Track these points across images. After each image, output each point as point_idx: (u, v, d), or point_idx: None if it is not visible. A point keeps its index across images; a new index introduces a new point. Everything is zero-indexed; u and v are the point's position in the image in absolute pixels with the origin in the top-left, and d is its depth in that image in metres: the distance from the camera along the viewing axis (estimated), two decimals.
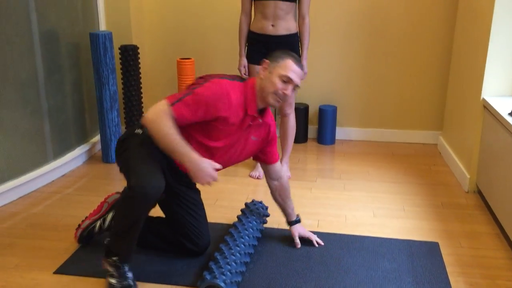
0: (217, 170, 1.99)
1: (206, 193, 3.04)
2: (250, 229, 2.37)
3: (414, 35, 3.80)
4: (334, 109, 3.93)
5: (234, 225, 2.42)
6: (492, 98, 2.86)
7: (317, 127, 4.05)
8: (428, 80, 3.88)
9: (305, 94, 4.07)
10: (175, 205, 2.25)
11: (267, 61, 2.13)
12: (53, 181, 3.22)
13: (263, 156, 2.35)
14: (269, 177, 2.41)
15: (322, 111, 3.94)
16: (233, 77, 2.15)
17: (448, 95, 3.73)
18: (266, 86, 2.09)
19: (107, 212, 2.34)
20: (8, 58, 2.81)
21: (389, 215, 2.78)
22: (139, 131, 2.13)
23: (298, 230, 2.44)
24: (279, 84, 2.07)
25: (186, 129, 2.06)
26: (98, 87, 3.42)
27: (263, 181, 3.24)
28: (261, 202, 2.64)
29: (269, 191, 2.46)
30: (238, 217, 2.51)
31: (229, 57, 4.06)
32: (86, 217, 2.38)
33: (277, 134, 2.79)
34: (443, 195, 3.04)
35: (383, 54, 3.88)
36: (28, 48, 2.96)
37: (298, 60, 2.13)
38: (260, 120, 2.18)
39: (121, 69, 3.71)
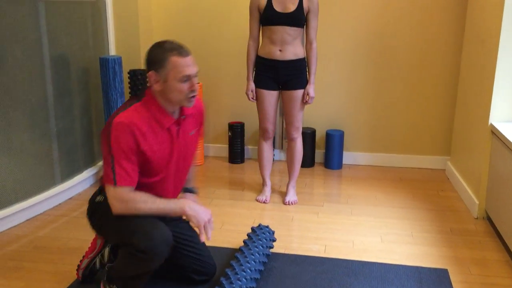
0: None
1: (212, 217, 3.02)
2: (256, 254, 2.35)
3: (421, 60, 3.82)
4: (341, 134, 3.93)
5: (240, 250, 2.40)
6: (500, 124, 2.85)
7: (324, 151, 4.04)
8: (435, 105, 3.89)
9: (312, 118, 4.08)
10: (174, 250, 2.12)
11: (151, 72, 1.90)
12: (60, 204, 3.23)
13: None
14: None
15: (329, 136, 3.94)
16: (129, 103, 1.95)
17: (456, 121, 3.73)
18: (173, 96, 1.92)
19: (103, 247, 2.27)
20: (19, 81, 2.85)
21: (397, 241, 2.75)
22: (100, 198, 2.05)
23: (190, 197, 2.28)
24: (184, 86, 1.91)
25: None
26: (107, 111, 3.45)
27: (269, 205, 3.22)
28: (267, 227, 2.62)
29: (276, 215, 2.44)
30: (244, 241, 2.48)
31: (236, 82, 4.10)
32: (84, 256, 2.30)
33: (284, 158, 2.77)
34: (452, 221, 3.01)
35: (390, 79, 3.89)
36: (39, 71, 3.00)
37: (177, 47, 1.89)
38: (184, 116, 2.05)
39: (129, 93, 3.75)
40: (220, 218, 3.02)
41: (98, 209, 2.06)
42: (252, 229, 2.58)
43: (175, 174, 2.10)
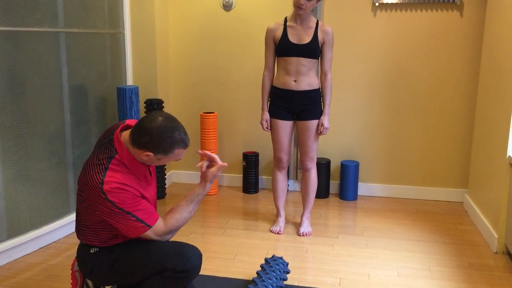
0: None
1: (225, 247, 3.00)
2: (270, 286, 2.31)
3: (437, 91, 3.81)
4: (356, 165, 3.90)
5: (253, 281, 2.37)
6: None
7: (339, 182, 4.01)
8: (452, 136, 3.85)
9: (327, 149, 4.06)
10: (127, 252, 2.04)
11: (150, 153, 1.86)
12: (74, 232, 3.23)
13: None
14: None
15: (344, 167, 3.92)
16: (105, 159, 1.90)
17: (473, 152, 3.68)
18: (153, 165, 2.01)
19: (84, 278, 2.18)
20: (38, 110, 2.90)
21: (414, 275, 2.68)
22: (94, 249, 2.02)
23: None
24: (169, 162, 2.03)
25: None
26: None
27: (283, 236, 3.19)
28: (281, 258, 2.59)
29: (290, 247, 2.41)
30: (257, 272, 2.45)
31: (251, 111, 4.12)
32: None
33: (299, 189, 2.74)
34: (470, 256, 2.94)
35: (406, 110, 3.88)
36: (58, 101, 3.06)
37: (184, 140, 1.91)
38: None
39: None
40: (233, 249, 2.99)
41: (100, 260, 2.01)
42: (266, 260, 2.55)
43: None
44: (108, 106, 3.59)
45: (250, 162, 4.03)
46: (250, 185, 4.08)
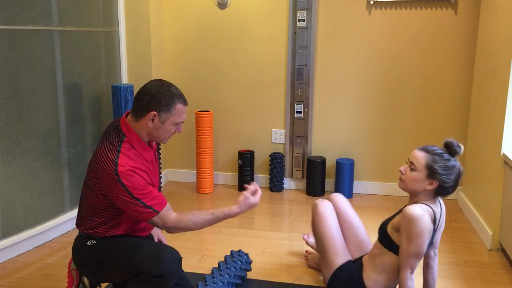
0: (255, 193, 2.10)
1: (221, 245, 2.99)
2: (220, 282, 2.39)
3: (431, 89, 3.82)
4: (351, 163, 3.91)
5: (204, 279, 2.46)
6: None
7: (334, 180, 4.02)
8: (446, 134, 3.86)
9: (322, 147, 4.07)
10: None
11: (154, 113, 1.93)
12: (69, 231, 3.22)
13: None
14: None
15: (339, 165, 3.92)
16: (116, 143, 1.95)
17: (467, 150, 3.70)
18: (159, 135, 1.99)
19: (80, 276, 2.20)
20: (32, 109, 2.89)
21: None
22: (91, 242, 2.04)
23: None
24: (173, 128, 2.00)
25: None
26: None
27: (279, 234, 3.18)
28: (246, 255, 2.66)
29: (286, 245, 2.41)
30: (212, 270, 2.56)
31: (246, 110, 4.12)
32: None
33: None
34: (465, 253, 2.95)
35: (401, 108, 3.89)
36: (52, 99, 3.05)
37: (182, 95, 1.99)
38: (154, 142, 2.09)
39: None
40: (229, 247, 2.99)
41: (92, 254, 2.02)
42: (225, 257, 2.66)
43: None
44: (103, 105, 3.58)
45: (246, 160, 4.03)
46: (245, 183, 4.03)
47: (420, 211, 1.95)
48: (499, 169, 2.91)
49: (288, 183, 4.17)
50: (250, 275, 2.63)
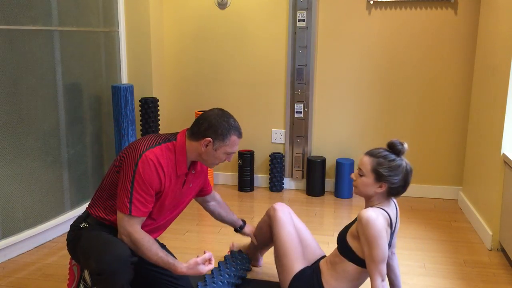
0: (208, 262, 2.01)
1: (221, 245, 2.99)
2: (220, 282, 2.38)
3: (431, 89, 3.82)
4: (351, 163, 3.91)
5: (204, 278, 2.44)
6: None
7: (334, 180, 4.02)
8: (446, 134, 3.86)
9: (322, 147, 4.07)
10: (150, 276, 2.15)
11: (209, 139, 2.00)
12: (68, 231, 3.22)
13: (201, 193, 2.41)
14: (206, 202, 2.49)
15: (339, 165, 3.92)
16: (163, 139, 2.05)
17: (467, 150, 3.70)
18: (208, 160, 2.06)
19: (81, 271, 2.21)
20: (32, 109, 2.89)
21: (409, 272, 2.69)
22: (84, 224, 2.10)
23: (250, 229, 2.61)
24: (224, 157, 2.08)
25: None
26: (118, 139, 3.47)
27: None
28: (245, 254, 2.67)
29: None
30: (212, 270, 2.52)
31: (246, 109, 4.12)
32: None
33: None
34: (465, 253, 2.95)
35: (400, 108, 3.89)
36: (52, 99, 3.05)
37: (239, 128, 2.08)
38: (194, 172, 2.16)
39: (140, 120, 3.78)
40: (228, 247, 2.98)
41: (79, 235, 2.06)
42: (225, 257, 2.65)
43: (164, 220, 2.18)
44: (102, 105, 3.58)
45: (246, 160, 4.03)
46: (245, 183, 4.08)
47: (373, 214, 1.96)
48: (499, 169, 2.91)
49: (288, 183, 4.17)
50: (250, 275, 2.63)
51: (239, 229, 2.64)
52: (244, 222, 2.66)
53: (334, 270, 2.13)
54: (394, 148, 2.04)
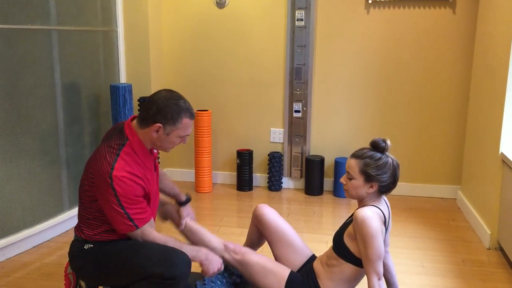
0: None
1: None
2: (218, 281, 2.29)
3: (430, 88, 3.82)
4: None
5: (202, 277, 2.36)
6: (511, 152, 2.83)
7: (333, 179, 4.02)
8: (445, 134, 3.87)
9: (321, 146, 4.07)
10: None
11: (159, 125, 1.91)
12: (67, 230, 3.22)
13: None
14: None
15: (338, 164, 3.93)
16: (116, 146, 1.94)
17: (466, 149, 3.70)
18: (163, 145, 1.99)
19: (77, 279, 2.18)
20: (30, 109, 2.89)
21: (407, 271, 2.70)
22: (89, 245, 2.02)
23: (188, 212, 2.34)
24: (178, 140, 1.99)
25: None
26: None
27: None
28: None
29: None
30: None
31: (245, 109, 4.12)
32: None
33: None
34: (463, 252, 2.96)
35: (399, 108, 3.89)
36: (50, 99, 3.04)
37: (190, 108, 1.97)
38: (155, 150, 2.11)
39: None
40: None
41: (91, 257, 2.00)
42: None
43: (155, 207, 2.16)
44: (101, 104, 3.58)
45: (244, 159, 4.03)
46: (244, 182, 4.08)
47: (369, 212, 1.95)
48: (497, 168, 2.91)
49: (286, 182, 4.18)
50: None
51: (181, 203, 2.37)
52: (188, 200, 2.38)
53: (331, 272, 2.12)
54: (378, 147, 2.04)
